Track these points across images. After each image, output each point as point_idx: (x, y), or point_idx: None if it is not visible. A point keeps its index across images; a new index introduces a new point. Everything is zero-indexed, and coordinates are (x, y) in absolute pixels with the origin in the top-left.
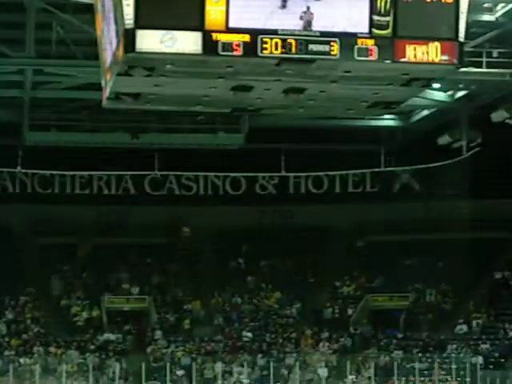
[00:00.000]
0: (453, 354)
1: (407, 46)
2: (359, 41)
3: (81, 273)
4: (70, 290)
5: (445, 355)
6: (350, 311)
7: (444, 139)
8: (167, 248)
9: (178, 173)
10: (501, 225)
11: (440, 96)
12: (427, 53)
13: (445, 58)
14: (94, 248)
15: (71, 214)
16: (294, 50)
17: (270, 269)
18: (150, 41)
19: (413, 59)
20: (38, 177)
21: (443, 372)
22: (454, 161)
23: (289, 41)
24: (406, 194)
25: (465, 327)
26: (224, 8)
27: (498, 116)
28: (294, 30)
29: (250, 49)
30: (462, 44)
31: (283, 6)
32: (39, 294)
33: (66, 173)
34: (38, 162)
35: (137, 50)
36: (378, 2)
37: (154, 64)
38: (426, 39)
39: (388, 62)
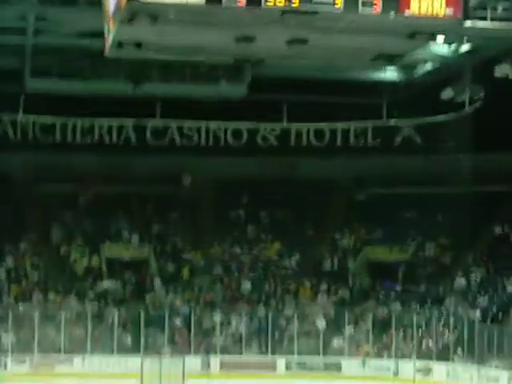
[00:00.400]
0: (451, 308)
1: None
2: None
3: (81, 221)
4: (70, 238)
5: (443, 309)
6: (349, 263)
7: (447, 93)
8: (167, 197)
9: (180, 122)
10: (502, 178)
11: (443, 50)
12: (432, 6)
13: (449, 11)
14: (95, 196)
15: (72, 162)
16: (297, 1)
17: (270, 220)
18: None
19: (417, 12)
20: (39, 124)
21: (441, 325)
22: (456, 115)
23: None
24: (408, 148)
25: (463, 281)
26: None
27: (501, 70)
28: None
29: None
30: None
31: None
32: (39, 241)
33: (67, 121)
34: (39, 109)
35: None
36: None
37: (156, 13)
38: None
39: (392, 14)
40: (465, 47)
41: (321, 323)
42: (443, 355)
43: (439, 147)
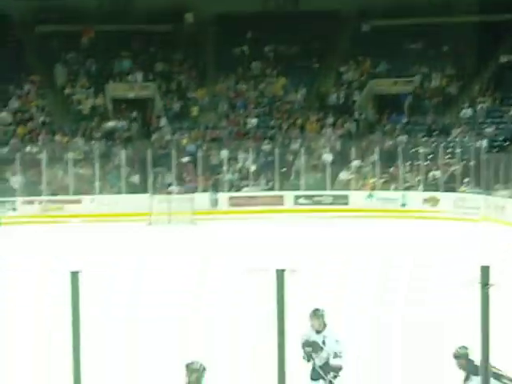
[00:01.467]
0: (457, 138)
1: None
2: None
3: (84, 61)
4: (74, 79)
5: (449, 139)
6: (355, 96)
7: None
8: (171, 35)
9: None
10: (508, 7)
11: None
12: None
13: None
14: (97, 35)
15: (73, 2)
16: None
17: (275, 55)
18: None
19: None
20: None
21: (447, 156)
22: None
23: None
24: None
25: (470, 111)
26: None
27: None
28: None
29: None
30: None
31: None
32: (43, 82)
33: None
34: None
35: None
36: None
37: None
38: None
39: None
40: None
41: (327, 157)
42: (450, 185)
43: None
